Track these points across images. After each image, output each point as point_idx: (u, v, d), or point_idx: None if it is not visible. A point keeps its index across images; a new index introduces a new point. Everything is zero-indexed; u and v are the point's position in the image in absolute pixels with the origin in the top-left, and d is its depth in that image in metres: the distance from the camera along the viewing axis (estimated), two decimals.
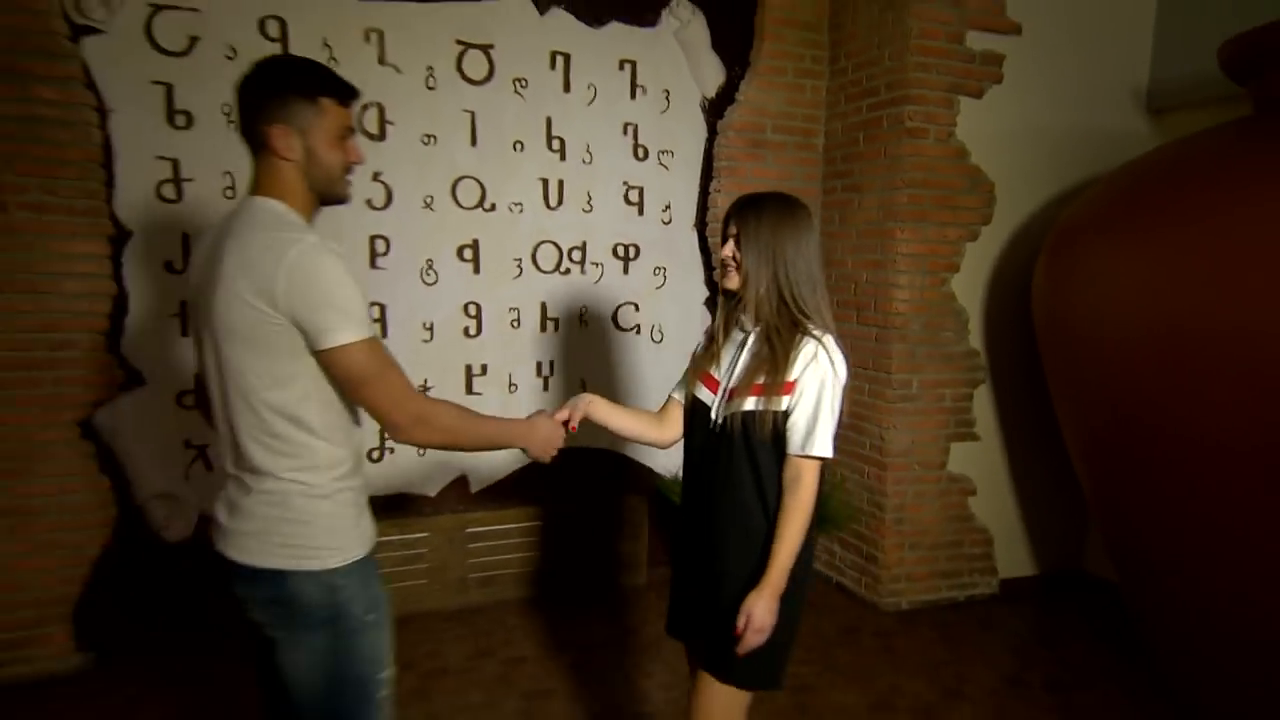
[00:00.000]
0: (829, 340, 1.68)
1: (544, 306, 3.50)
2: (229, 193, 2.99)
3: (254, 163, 1.46)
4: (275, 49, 2.96)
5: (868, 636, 3.33)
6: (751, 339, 1.72)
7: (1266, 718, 2.59)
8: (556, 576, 3.59)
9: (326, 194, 1.51)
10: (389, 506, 3.35)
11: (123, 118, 2.85)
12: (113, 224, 2.88)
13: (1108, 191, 2.93)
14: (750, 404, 1.66)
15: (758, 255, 1.67)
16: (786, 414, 1.65)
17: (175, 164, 2.93)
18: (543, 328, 3.52)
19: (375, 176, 3.16)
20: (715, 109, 3.68)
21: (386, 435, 1.62)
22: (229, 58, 2.90)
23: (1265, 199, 2.36)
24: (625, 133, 3.56)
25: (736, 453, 1.70)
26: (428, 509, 3.45)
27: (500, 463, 3.49)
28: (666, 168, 3.64)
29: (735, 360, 1.74)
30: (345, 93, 1.49)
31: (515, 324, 3.46)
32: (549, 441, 1.73)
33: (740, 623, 1.60)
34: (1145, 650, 3.09)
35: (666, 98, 3.60)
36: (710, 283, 3.76)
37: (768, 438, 1.65)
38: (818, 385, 1.64)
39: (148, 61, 2.86)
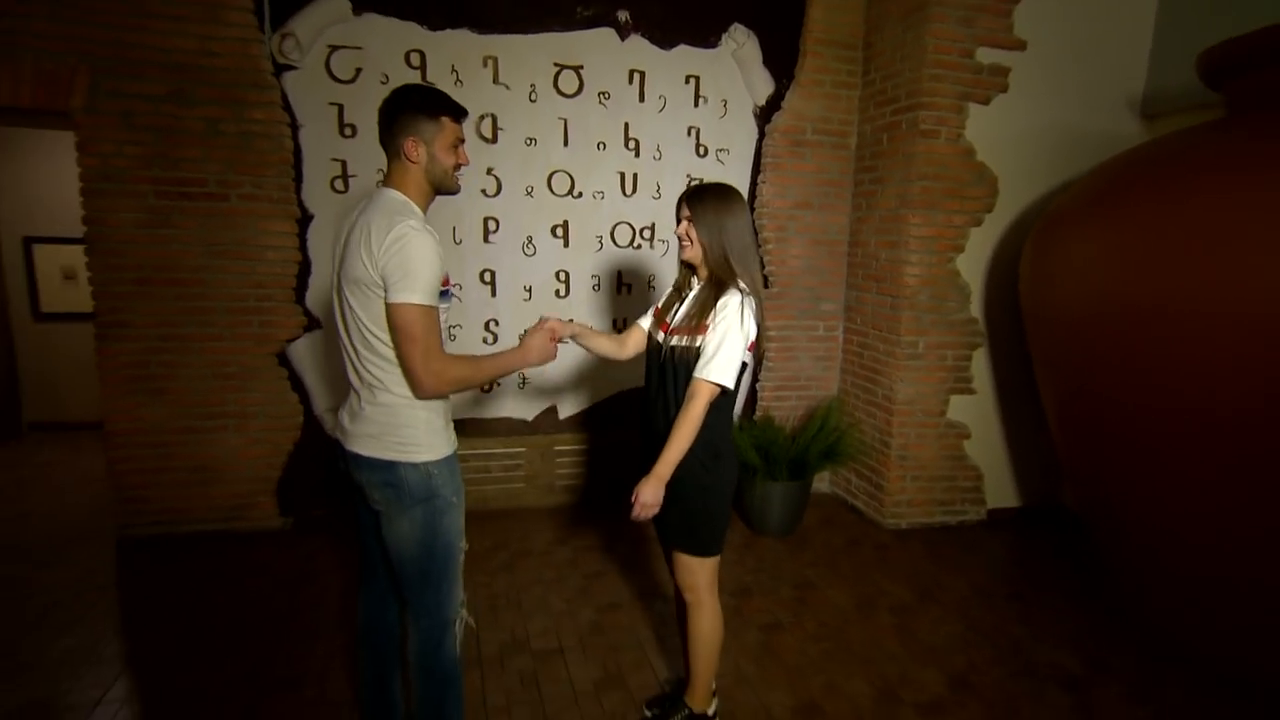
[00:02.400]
0: (748, 300, 1.91)
1: (619, 274, 3.84)
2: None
3: (388, 163, 1.74)
4: (417, 75, 3.39)
5: (868, 549, 3.58)
6: (694, 295, 2.01)
7: (1193, 613, 2.73)
8: (621, 486, 3.96)
9: (441, 187, 1.76)
10: (497, 429, 3.81)
11: (308, 130, 3.35)
12: (300, 209, 3.39)
13: (1086, 185, 2.98)
14: (682, 340, 1.96)
15: (708, 232, 1.96)
16: (699, 349, 1.92)
17: (344, 164, 3.42)
18: (618, 291, 3.86)
19: (489, 171, 3.57)
20: (764, 115, 3.91)
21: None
22: (383, 83, 3.36)
23: (1215, 187, 2.41)
24: (689, 134, 3.83)
25: (670, 378, 2.00)
26: (525, 430, 3.87)
27: (581, 396, 3.90)
28: (723, 163, 3.90)
29: (683, 308, 2.03)
30: (458, 113, 1.76)
31: (595, 288, 3.83)
32: (544, 351, 1.92)
33: (636, 497, 1.91)
34: (1101, 568, 3.25)
35: (724, 106, 3.85)
36: (759, 259, 4.03)
37: (690, 367, 1.93)
38: (724, 328, 1.87)
39: (326, 88, 3.35)
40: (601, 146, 3.72)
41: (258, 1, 3.23)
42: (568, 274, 3.79)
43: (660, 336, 2.07)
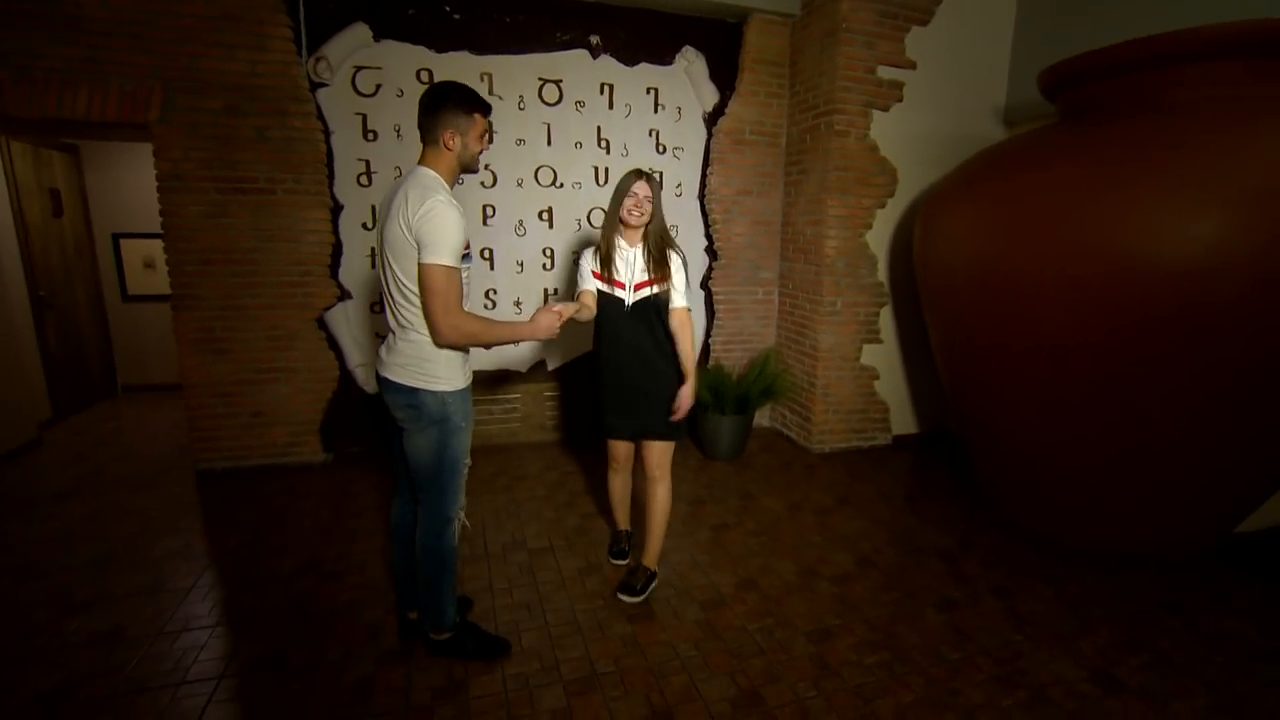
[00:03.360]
0: (682, 253, 2.28)
1: None
2: (398, 179, 3.54)
3: (425, 146, 1.78)
4: (424, 87, 3.48)
5: (798, 468, 3.74)
6: (638, 255, 2.19)
7: (1031, 502, 2.95)
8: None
9: (467, 169, 1.84)
10: (497, 379, 3.91)
11: (338, 136, 3.39)
12: (332, 200, 3.43)
13: (958, 174, 3.09)
14: (653, 290, 2.20)
15: (655, 205, 2.18)
16: (667, 292, 2.20)
17: (367, 162, 3.46)
18: None
19: (486, 167, 3.62)
20: (712, 119, 3.98)
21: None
22: (398, 96, 3.41)
23: (1047, 175, 2.57)
24: (650, 135, 3.90)
25: (646, 319, 2.22)
26: (521, 380, 3.97)
27: (567, 352, 3.99)
28: (678, 159, 3.98)
29: (632, 267, 2.20)
30: (486, 109, 1.81)
31: (576, 262, 3.93)
32: (550, 328, 1.91)
33: (683, 404, 2.24)
34: (974, 475, 3.40)
35: (679, 112, 3.92)
36: (708, 235, 4.12)
37: (662, 309, 2.21)
38: (683, 272, 2.24)
39: (352, 101, 3.39)
40: (579, 145, 3.79)
41: (295, 31, 3.26)
42: (552, 250, 3.88)
43: (621, 293, 2.22)
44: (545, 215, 3.82)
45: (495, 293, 3.83)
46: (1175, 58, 2.44)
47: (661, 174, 3.97)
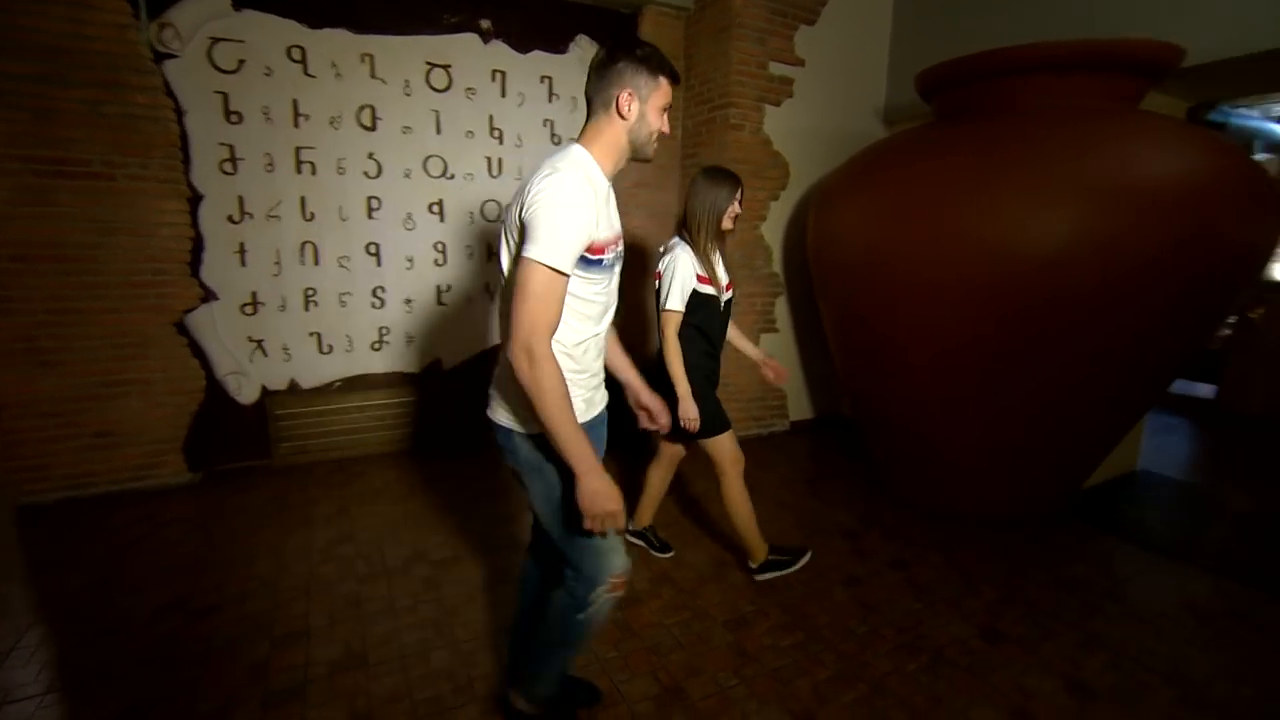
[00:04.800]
0: None
1: (490, 245, 3.75)
2: (269, 168, 3.17)
3: (589, 117, 1.38)
4: (299, 69, 3.13)
5: (702, 458, 3.47)
6: (720, 258, 2.27)
7: (934, 483, 3.13)
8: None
9: (640, 151, 1.39)
10: (390, 381, 3.64)
11: (193, 116, 3.01)
12: (190, 189, 3.04)
13: (845, 169, 3.23)
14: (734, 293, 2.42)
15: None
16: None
17: (231, 149, 3.09)
18: (489, 259, 3.76)
19: (370, 155, 3.36)
20: None
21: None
22: (266, 74, 3.08)
23: (925, 171, 2.72)
24: (545, 125, 3.78)
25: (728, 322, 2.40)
26: (415, 381, 3.71)
27: (463, 349, 3.78)
28: None
29: (723, 269, 2.28)
30: (675, 77, 1.39)
31: (470, 256, 3.72)
32: (596, 496, 1.26)
33: (684, 423, 2.24)
34: (868, 455, 3.59)
35: (574, 102, 3.82)
36: None
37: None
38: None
39: (210, 77, 3.01)
40: (470, 135, 3.60)
41: None
42: (445, 245, 3.66)
43: (722, 295, 2.27)
44: (436, 208, 3.60)
45: (383, 290, 3.56)
46: (1026, 68, 2.66)
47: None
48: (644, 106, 1.35)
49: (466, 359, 3.85)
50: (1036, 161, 2.46)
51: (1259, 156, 7.25)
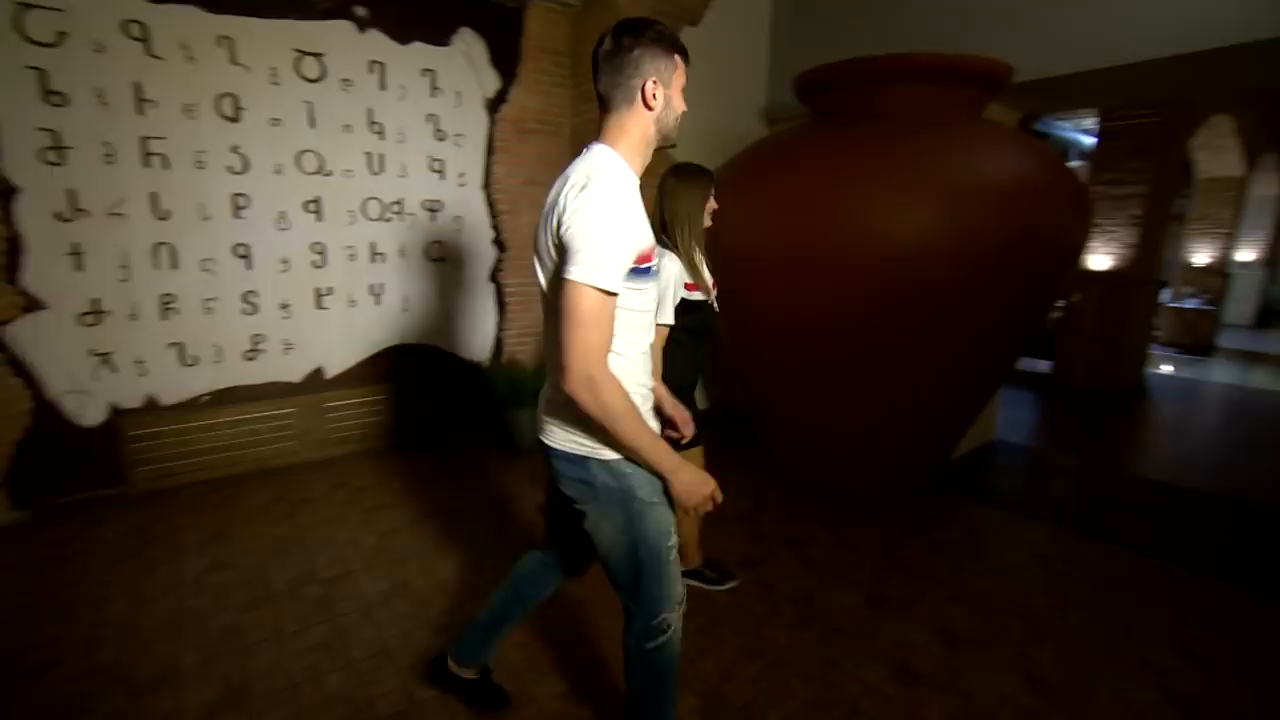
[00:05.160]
0: None
1: (373, 245, 3.57)
2: (109, 159, 2.82)
3: (607, 113, 1.26)
4: (139, 46, 2.79)
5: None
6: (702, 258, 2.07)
7: (822, 465, 3.32)
8: (396, 435, 3.78)
9: (667, 138, 1.30)
10: (265, 392, 3.37)
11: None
12: (2, 181, 2.65)
13: (728, 167, 3.34)
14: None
15: None
16: None
17: (55, 135, 2.71)
18: (372, 260, 3.57)
19: (235, 149, 3.08)
20: (494, 106, 3.82)
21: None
22: (97, 51, 2.72)
23: (803, 169, 2.88)
24: (428, 121, 3.62)
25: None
26: (294, 391, 3.46)
27: (349, 354, 3.59)
28: (460, 147, 3.76)
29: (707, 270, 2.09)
30: (685, 53, 1.28)
31: (352, 258, 3.51)
32: (691, 487, 1.28)
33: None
34: (763, 442, 3.76)
35: (459, 97, 3.70)
36: (495, 227, 3.95)
37: None
38: None
39: (19, 50, 2.61)
40: (348, 129, 3.38)
41: None
42: (324, 246, 3.42)
43: (709, 298, 2.12)
44: (313, 206, 3.36)
45: (256, 295, 3.28)
46: (889, 76, 2.90)
47: (444, 161, 3.73)
48: (668, 91, 1.25)
49: (352, 366, 3.64)
50: (901, 162, 2.69)
51: (1073, 163, 8.33)
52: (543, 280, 1.27)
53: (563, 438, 1.32)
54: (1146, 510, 3.31)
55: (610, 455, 1.28)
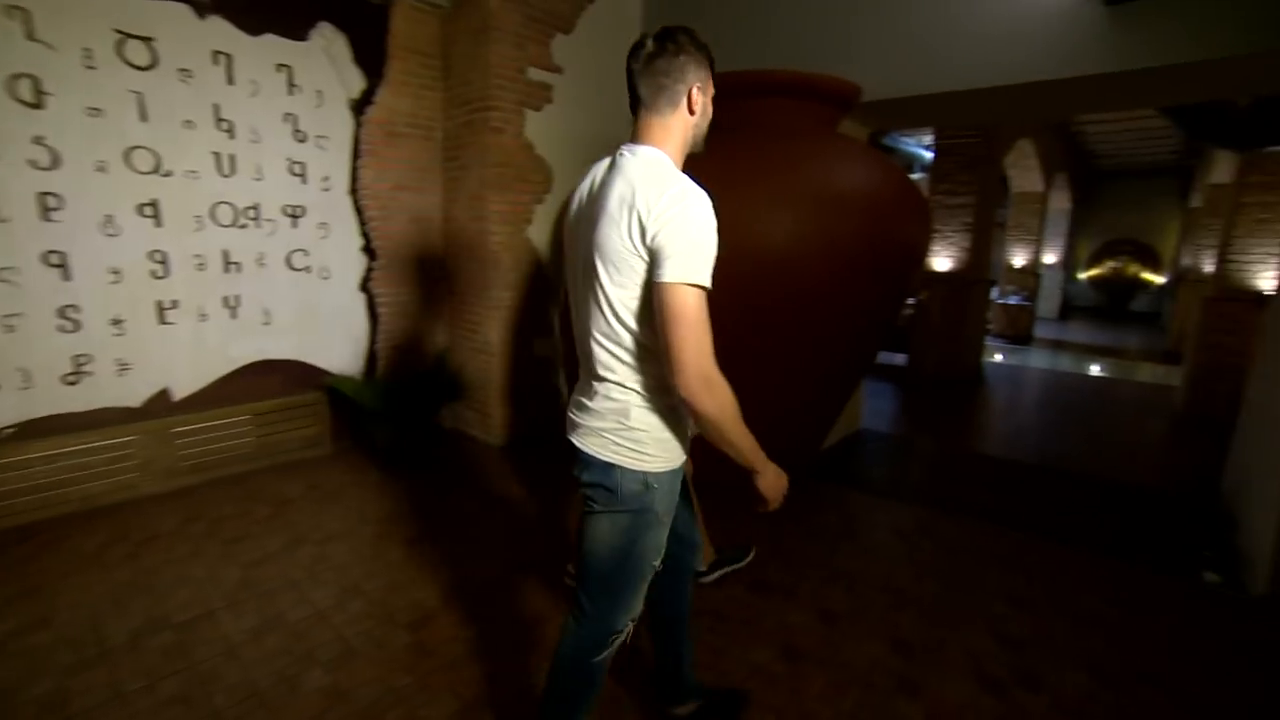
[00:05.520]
0: None
1: (226, 253, 3.27)
2: None
3: (647, 116, 1.26)
4: None
5: (484, 465, 3.68)
6: None
7: (699, 464, 3.50)
8: (256, 459, 3.49)
9: (699, 145, 1.34)
10: (97, 420, 2.98)
11: None
12: None
13: None
14: None
15: None
16: None
17: None
18: (226, 269, 3.28)
19: (38, 140, 2.68)
20: (359, 107, 3.63)
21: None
22: None
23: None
24: (286, 120, 3.39)
25: None
26: (133, 418, 3.09)
27: (201, 373, 3.27)
28: (324, 149, 3.54)
29: None
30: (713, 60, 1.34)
31: (201, 267, 3.19)
32: (777, 482, 1.40)
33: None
34: None
35: (320, 96, 3.48)
36: (365, 234, 3.76)
37: None
38: None
39: None
40: (190, 125, 3.07)
41: None
42: (165, 254, 3.08)
43: None
44: (149, 210, 3.01)
45: (76, 310, 2.88)
46: (756, 91, 3.08)
47: (305, 164, 3.49)
48: (706, 99, 1.30)
49: (206, 385, 3.31)
50: (768, 170, 2.87)
51: (915, 176, 9.25)
52: (604, 280, 1.21)
53: (594, 443, 1.30)
54: (987, 483, 3.74)
55: (642, 467, 1.29)
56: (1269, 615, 2.48)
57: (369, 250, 3.82)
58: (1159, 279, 14.27)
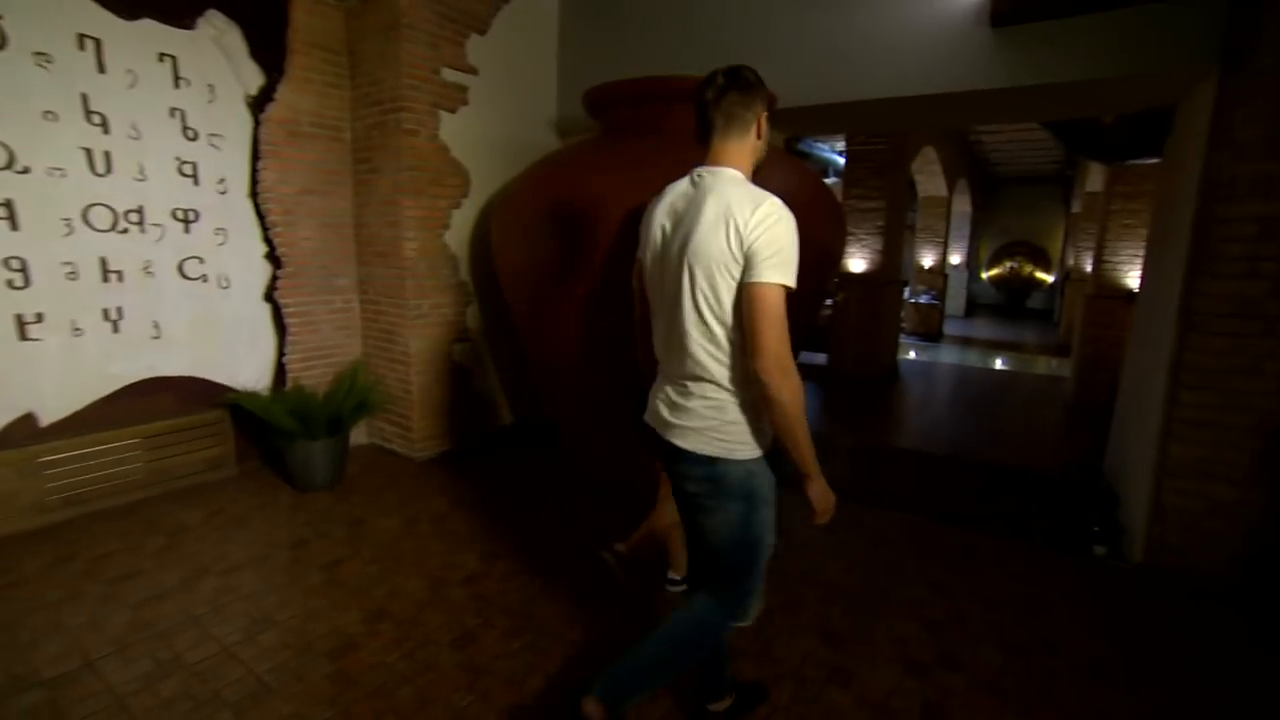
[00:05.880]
0: None
1: (104, 261, 2.99)
2: None
3: (721, 141, 1.44)
4: None
5: (407, 480, 3.57)
6: None
7: (622, 466, 3.39)
8: (148, 486, 3.21)
9: (759, 165, 1.53)
10: None
11: None
12: None
13: (520, 178, 3.42)
14: None
15: None
16: None
17: None
18: (105, 279, 3.01)
19: None
20: (259, 104, 3.43)
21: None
22: None
23: (594, 182, 2.96)
24: (173, 116, 3.15)
25: None
26: None
27: (75, 395, 2.98)
28: (219, 149, 3.31)
29: None
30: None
31: (72, 276, 2.91)
32: (827, 494, 1.48)
33: None
34: (566, 448, 3.78)
35: (211, 91, 3.26)
36: (268, 240, 3.56)
37: None
38: None
39: None
40: (51, 116, 2.80)
41: None
42: (24, 262, 2.79)
43: None
44: (2, 211, 2.72)
45: None
46: (671, 96, 3.14)
47: (196, 165, 3.26)
48: (766, 125, 1.52)
49: (82, 408, 3.02)
50: (682, 174, 2.92)
51: (829, 180, 9.68)
52: (704, 286, 1.38)
53: (695, 440, 1.45)
54: (905, 475, 3.95)
55: (743, 455, 1.44)
56: (1146, 581, 2.75)
57: (274, 257, 3.61)
58: (1050, 278, 15.56)
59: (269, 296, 3.63)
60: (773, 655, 2.16)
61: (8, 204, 2.73)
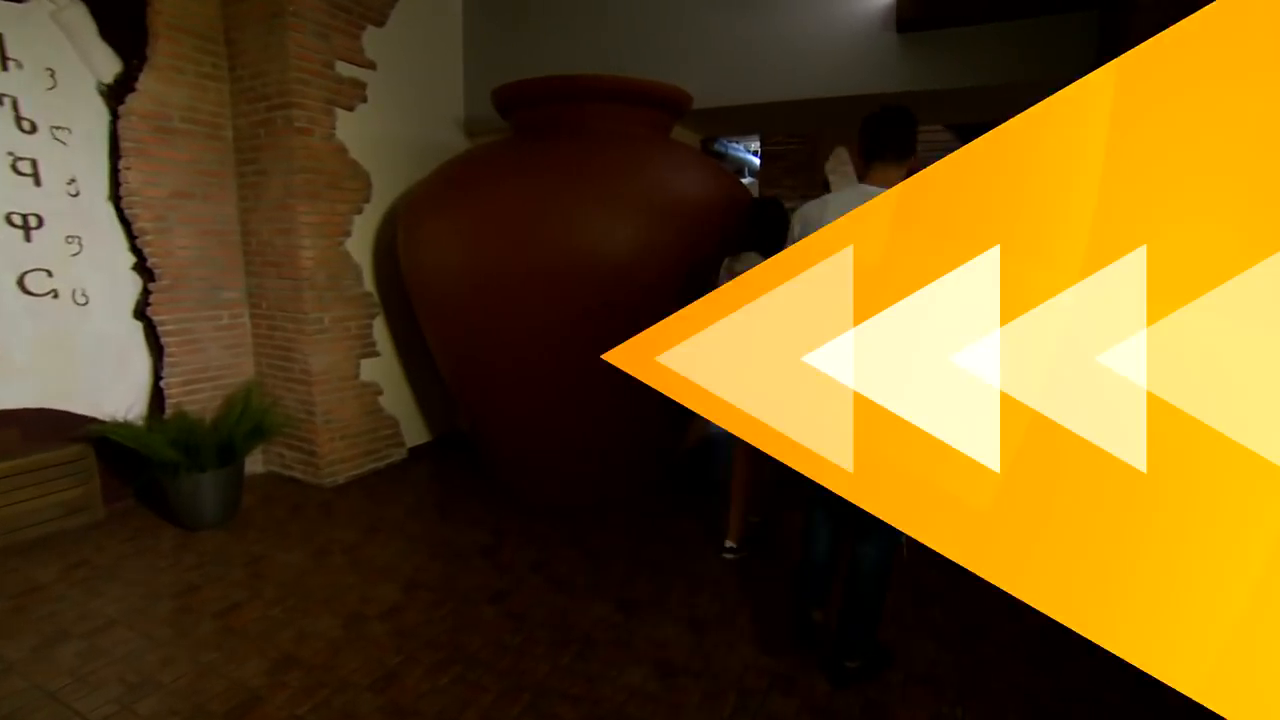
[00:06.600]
0: None
1: None
2: None
3: (881, 166, 2.01)
4: None
5: (312, 509, 3.37)
6: None
7: (553, 484, 3.40)
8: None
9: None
10: None
11: None
12: None
13: (430, 180, 3.33)
14: None
15: None
16: None
17: None
18: None
19: None
20: (116, 95, 3.12)
21: None
22: None
23: (510, 185, 2.94)
24: (2, 104, 2.81)
25: None
26: None
27: None
28: (65, 143, 2.98)
29: None
30: None
31: None
32: None
33: None
34: (491, 468, 3.73)
35: (52, 76, 2.92)
36: (136, 250, 3.24)
37: None
38: None
39: None
40: None
41: None
42: None
43: None
44: None
45: None
46: (587, 95, 3.13)
47: (36, 162, 2.93)
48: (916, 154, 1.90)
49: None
50: (601, 176, 2.93)
51: (746, 180, 9.96)
52: None
53: None
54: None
55: None
56: None
57: (145, 269, 3.30)
58: None
59: (140, 313, 3.31)
60: (712, 670, 2.18)
61: None
